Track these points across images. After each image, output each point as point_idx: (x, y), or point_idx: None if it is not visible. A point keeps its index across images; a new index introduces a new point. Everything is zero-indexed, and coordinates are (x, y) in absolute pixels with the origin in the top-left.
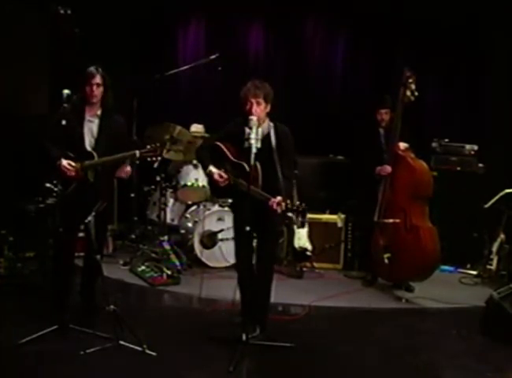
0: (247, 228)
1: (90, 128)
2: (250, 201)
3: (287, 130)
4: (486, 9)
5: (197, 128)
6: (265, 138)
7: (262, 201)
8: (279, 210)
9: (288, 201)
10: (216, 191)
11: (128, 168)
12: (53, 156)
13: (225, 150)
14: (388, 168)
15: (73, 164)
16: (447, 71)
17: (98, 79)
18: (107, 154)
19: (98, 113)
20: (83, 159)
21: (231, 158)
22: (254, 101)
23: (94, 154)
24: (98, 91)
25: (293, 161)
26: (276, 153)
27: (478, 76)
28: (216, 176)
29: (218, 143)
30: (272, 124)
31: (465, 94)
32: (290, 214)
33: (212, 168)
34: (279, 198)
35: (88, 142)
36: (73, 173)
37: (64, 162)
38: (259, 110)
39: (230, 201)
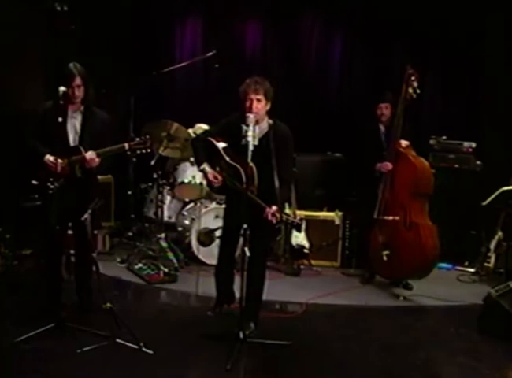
0: (245, 226)
1: (74, 124)
2: (244, 199)
3: (287, 130)
4: (484, 8)
5: (201, 128)
6: (263, 138)
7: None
8: (274, 221)
9: (284, 214)
10: (212, 187)
11: (93, 156)
12: (40, 153)
13: (221, 150)
14: (389, 165)
15: (59, 160)
16: (445, 69)
17: (78, 81)
18: (92, 149)
19: (81, 109)
20: (69, 155)
21: (227, 159)
22: (254, 97)
23: (82, 149)
24: (79, 92)
25: (292, 163)
26: (274, 154)
27: (476, 74)
28: (210, 177)
29: (212, 140)
30: (271, 123)
31: (462, 91)
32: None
33: (206, 167)
34: (274, 207)
35: (72, 138)
36: (59, 169)
37: (51, 158)
38: (259, 107)
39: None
